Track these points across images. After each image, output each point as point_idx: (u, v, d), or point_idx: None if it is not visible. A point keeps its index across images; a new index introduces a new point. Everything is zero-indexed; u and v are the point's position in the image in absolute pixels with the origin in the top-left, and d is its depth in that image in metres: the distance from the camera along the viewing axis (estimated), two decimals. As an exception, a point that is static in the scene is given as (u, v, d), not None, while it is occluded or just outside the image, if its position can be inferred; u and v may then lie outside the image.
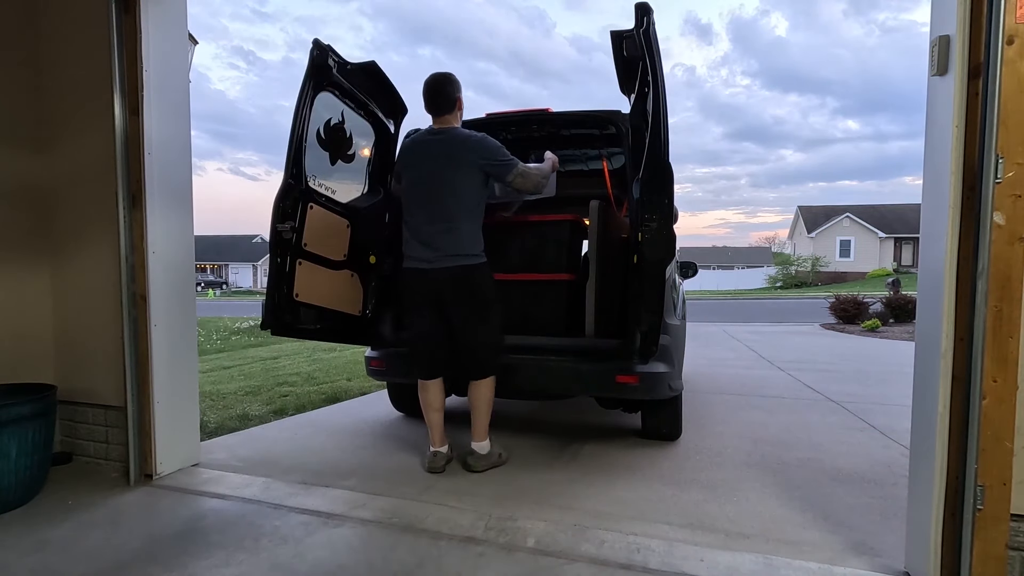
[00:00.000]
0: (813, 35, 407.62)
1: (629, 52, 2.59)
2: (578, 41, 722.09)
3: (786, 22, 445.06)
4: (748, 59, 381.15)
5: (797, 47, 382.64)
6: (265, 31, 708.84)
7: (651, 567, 1.84)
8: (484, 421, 2.78)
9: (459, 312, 2.66)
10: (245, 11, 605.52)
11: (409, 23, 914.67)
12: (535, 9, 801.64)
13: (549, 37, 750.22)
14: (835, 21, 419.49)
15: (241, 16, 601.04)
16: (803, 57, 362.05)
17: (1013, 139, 1.51)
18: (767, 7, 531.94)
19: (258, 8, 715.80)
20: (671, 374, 2.86)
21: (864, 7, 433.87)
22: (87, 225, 2.73)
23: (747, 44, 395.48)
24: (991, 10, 1.50)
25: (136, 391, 2.56)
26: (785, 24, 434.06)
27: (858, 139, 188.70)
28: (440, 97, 2.67)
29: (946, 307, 1.61)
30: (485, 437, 2.79)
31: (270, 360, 7.41)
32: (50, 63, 2.76)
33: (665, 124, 2.39)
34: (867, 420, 3.81)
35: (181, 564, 1.85)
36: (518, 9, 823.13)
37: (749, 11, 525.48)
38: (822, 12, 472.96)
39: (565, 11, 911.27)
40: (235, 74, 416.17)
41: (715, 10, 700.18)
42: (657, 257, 2.39)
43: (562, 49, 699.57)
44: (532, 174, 2.69)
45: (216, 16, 79.76)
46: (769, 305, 20.86)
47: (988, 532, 1.58)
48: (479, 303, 2.67)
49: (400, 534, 2.07)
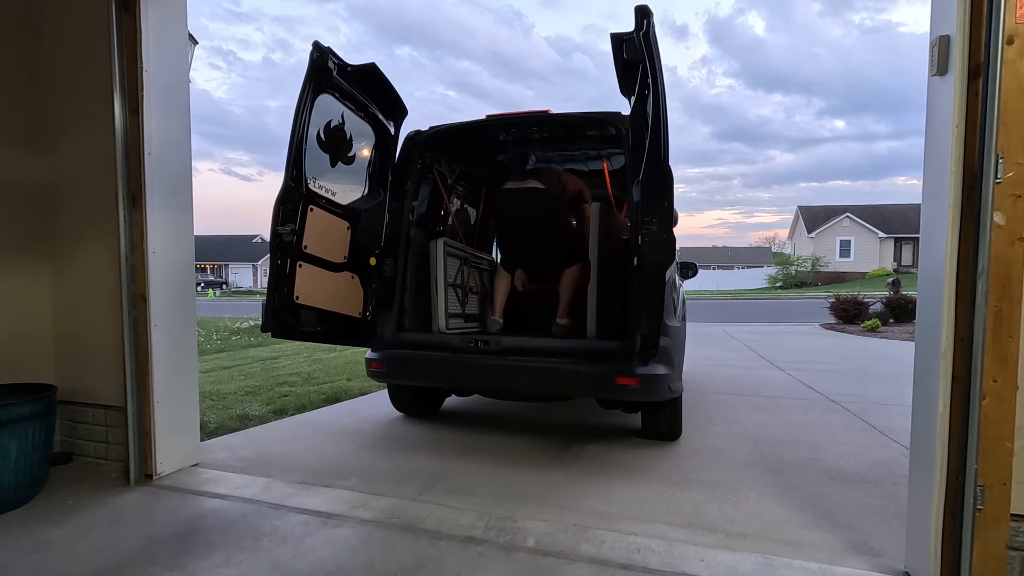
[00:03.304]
0: (791, 35, 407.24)
1: (629, 55, 2.59)
2: (558, 42, 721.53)
3: (763, 21, 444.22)
4: (728, 59, 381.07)
5: (776, 47, 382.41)
6: (244, 31, 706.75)
7: (651, 567, 1.84)
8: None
9: None
10: (221, 11, 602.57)
11: (385, 23, 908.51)
12: (510, 9, 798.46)
13: (528, 37, 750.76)
14: (811, 21, 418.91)
15: (218, 16, 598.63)
16: (783, 56, 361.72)
17: (1013, 139, 1.51)
18: (743, 6, 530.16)
19: (233, 8, 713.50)
20: (671, 375, 2.86)
21: (840, 7, 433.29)
22: (87, 225, 2.73)
23: (726, 44, 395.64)
24: (991, 10, 1.50)
25: (136, 391, 2.56)
26: (762, 24, 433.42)
27: (845, 139, 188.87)
28: None
29: (946, 307, 1.61)
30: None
31: (270, 360, 7.41)
32: (50, 63, 2.76)
33: (665, 126, 2.39)
34: (867, 420, 3.80)
35: (181, 564, 1.85)
36: (494, 10, 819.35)
37: (725, 10, 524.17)
38: (798, 12, 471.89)
39: (542, 10, 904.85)
40: (218, 75, 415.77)
41: (691, 11, 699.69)
42: (657, 260, 2.39)
43: (542, 49, 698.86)
44: None
45: (195, 16, 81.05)
46: (769, 305, 20.86)
47: (988, 532, 1.58)
48: None
49: (400, 534, 2.07)
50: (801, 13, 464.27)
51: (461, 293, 3.78)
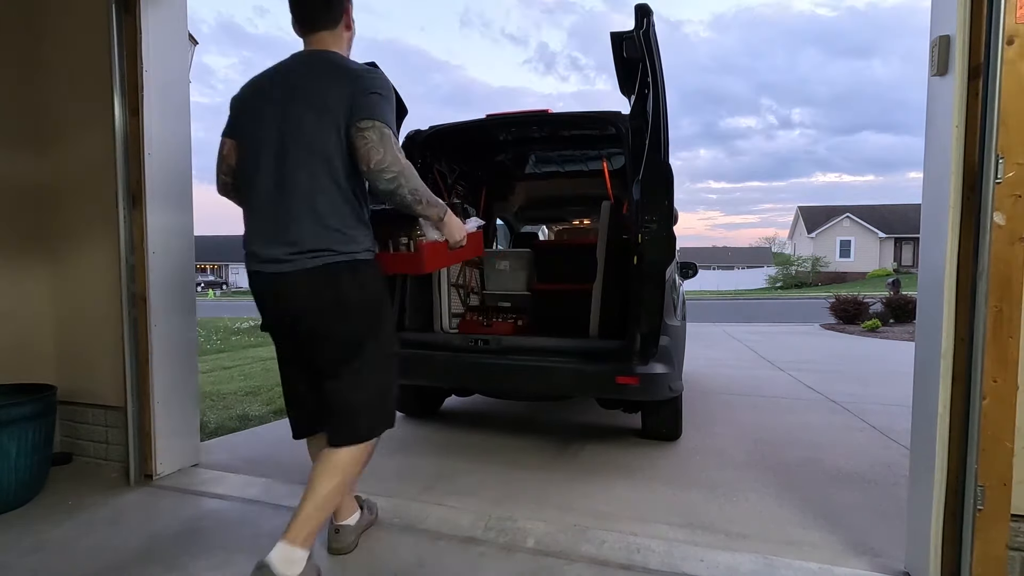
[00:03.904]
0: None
1: (629, 53, 2.60)
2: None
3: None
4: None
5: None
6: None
7: (651, 567, 1.84)
8: (317, 518, 1.66)
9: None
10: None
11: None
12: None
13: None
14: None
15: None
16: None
17: (1013, 139, 1.51)
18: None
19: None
20: (671, 375, 2.86)
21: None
22: (87, 225, 2.73)
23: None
24: (991, 10, 1.50)
25: (136, 391, 2.56)
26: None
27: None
28: (314, 3, 1.71)
29: (946, 307, 1.61)
30: (306, 543, 1.62)
31: (270, 360, 7.40)
32: (50, 63, 2.76)
33: (665, 125, 2.40)
34: (867, 420, 3.80)
35: (181, 564, 1.85)
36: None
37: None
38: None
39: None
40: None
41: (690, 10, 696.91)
42: (657, 259, 2.39)
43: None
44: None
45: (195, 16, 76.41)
46: (769, 305, 20.86)
47: (988, 532, 1.58)
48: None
49: (400, 534, 2.07)
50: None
51: (463, 293, 3.78)
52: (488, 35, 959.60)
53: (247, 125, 1.70)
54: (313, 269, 1.59)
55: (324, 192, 1.59)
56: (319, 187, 1.58)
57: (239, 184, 1.76)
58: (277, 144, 1.61)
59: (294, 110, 1.60)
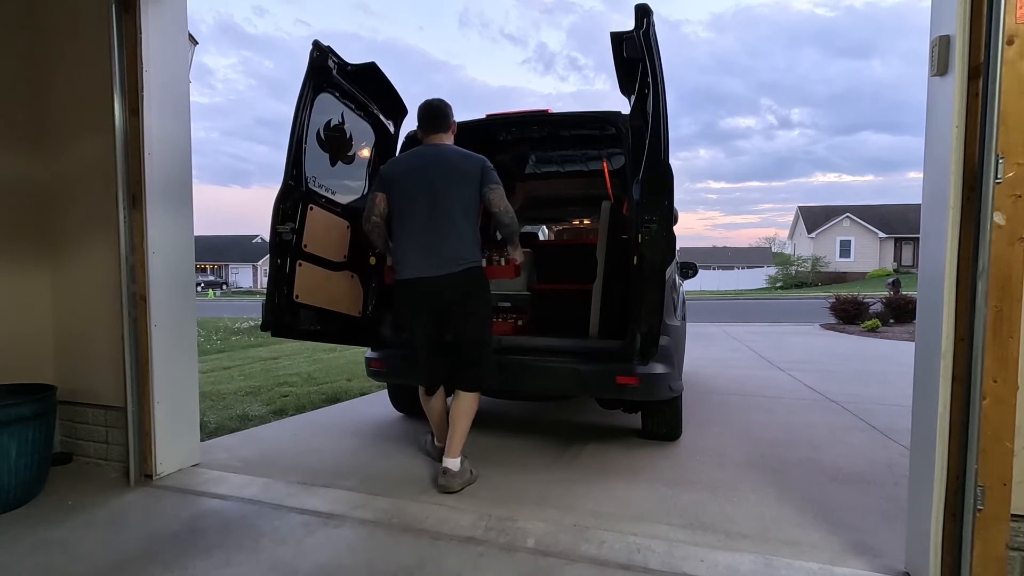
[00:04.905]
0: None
1: (629, 53, 2.59)
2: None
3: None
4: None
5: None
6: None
7: (651, 567, 1.84)
8: (462, 438, 2.60)
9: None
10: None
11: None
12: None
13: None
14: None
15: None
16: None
17: (1013, 139, 1.51)
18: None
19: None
20: (671, 375, 2.86)
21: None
22: (87, 225, 2.73)
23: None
24: (991, 10, 1.50)
25: (136, 391, 2.56)
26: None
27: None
28: (441, 119, 2.66)
29: (946, 307, 1.61)
30: (459, 454, 2.57)
31: (270, 360, 7.40)
32: (50, 63, 2.76)
33: (665, 125, 2.40)
34: (867, 420, 3.80)
35: (181, 564, 1.85)
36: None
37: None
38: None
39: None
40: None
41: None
42: (657, 258, 2.39)
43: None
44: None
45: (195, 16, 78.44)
46: (769, 305, 20.86)
47: (988, 532, 1.58)
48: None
49: (400, 534, 2.07)
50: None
51: None
52: (487, 35, 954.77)
53: (403, 186, 2.54)
54: (459, 272, 2.50)
55: (461, 226, 2.50)
56: (459, 223, 2.50)
57: (390, 222, 2.61)
58: (428, 197, 2.49)
59: (443, 176, 2.50)
